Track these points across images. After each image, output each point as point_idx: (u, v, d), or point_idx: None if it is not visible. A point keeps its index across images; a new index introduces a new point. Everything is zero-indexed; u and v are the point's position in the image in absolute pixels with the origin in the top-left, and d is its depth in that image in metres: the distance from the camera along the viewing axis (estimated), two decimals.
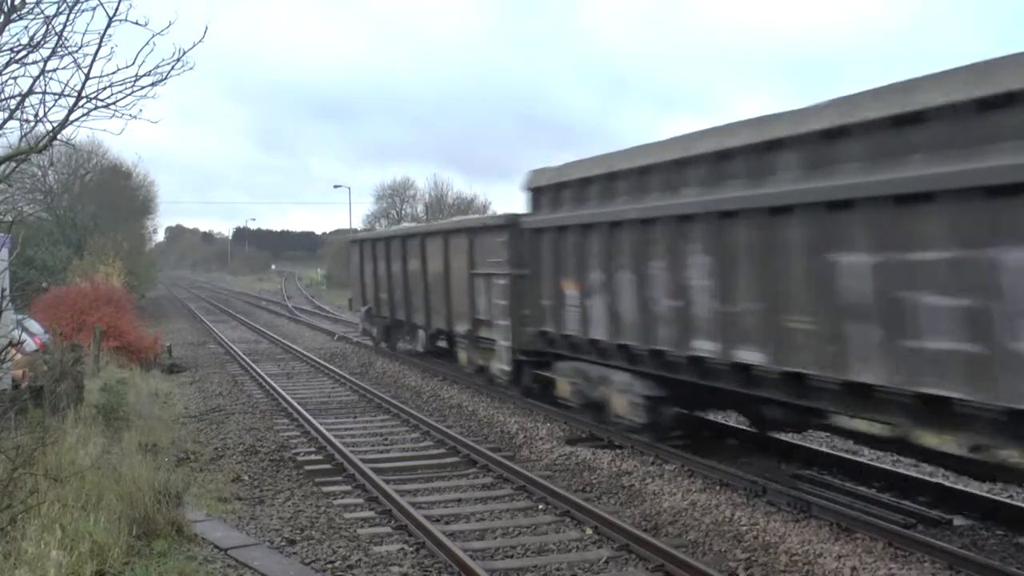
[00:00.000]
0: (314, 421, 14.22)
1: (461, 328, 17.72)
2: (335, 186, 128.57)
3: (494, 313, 15.73)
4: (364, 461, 11.41)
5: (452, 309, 18.27)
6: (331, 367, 21.79)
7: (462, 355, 18.27)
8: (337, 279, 69.78)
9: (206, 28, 6.54)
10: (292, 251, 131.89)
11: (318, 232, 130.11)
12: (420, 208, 73.14)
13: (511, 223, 15.07)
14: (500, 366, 15.59)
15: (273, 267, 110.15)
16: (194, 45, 6.53)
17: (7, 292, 7.67)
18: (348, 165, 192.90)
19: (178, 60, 6.55)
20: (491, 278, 15.83)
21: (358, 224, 79.11)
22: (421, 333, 21.07)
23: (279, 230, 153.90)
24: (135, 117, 6.75)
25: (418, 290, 20.45)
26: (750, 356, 9.05)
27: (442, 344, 20.93)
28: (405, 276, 21.50)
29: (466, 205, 71.74)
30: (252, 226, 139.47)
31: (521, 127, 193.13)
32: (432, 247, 19.61)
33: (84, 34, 6.42)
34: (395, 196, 73.98)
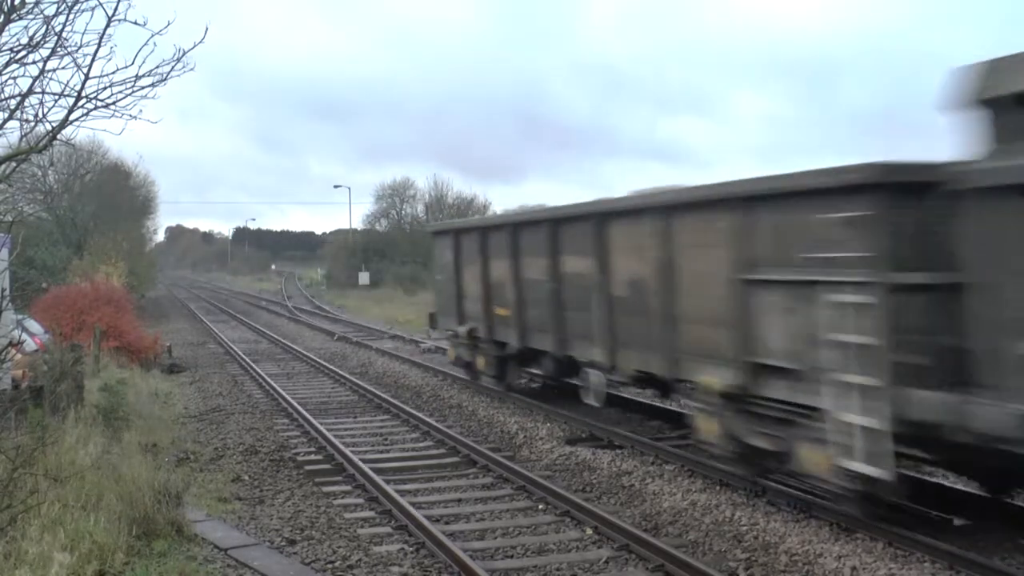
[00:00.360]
0: (314, 421, 14.22)
1: (711, 377, 9.69)
2: (335, 186, 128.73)
3: (827, 358, 8.04)
4: (364, 461, 11.40)
5: (681, 341, 10.39)
6: (331, 367, 21.78)
7: (706, 424, 9.91)
8: (336, 279, 69.81)
9: (206, 28, 6.55)
10: (292, 251, 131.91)
11: (318, 232, 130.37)
12: (420, 208, 73.10)
13: (882, 180, 7.56)
14: (849, 464, 7.74)
15: (273, 267, 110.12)
16: (195, 45, 6.53)
17: (7, 292, 7.68)
18: (347, 165, 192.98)
19: (178, 60, 6.56)
20: (814, 291, 8.20)
21: (358, 224, 79.17)
22: (592, 376, 13.19)
23: (279, 230, 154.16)
24: (135, 117, 6.76)
25: (589, 306, 12.53)
26: None
27: (627, 395, 14.47)
28: (557, 283, 13.54)
29: (466, 205, 71.65)
30: (252, 226, 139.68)
31: (520, 127, 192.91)
32: (626, 235, 11.70)
33: (84, 34, 6.42)
34: (395, 196, 73.86)
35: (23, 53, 6.58)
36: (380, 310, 43.31)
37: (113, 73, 6.53)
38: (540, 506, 9.67)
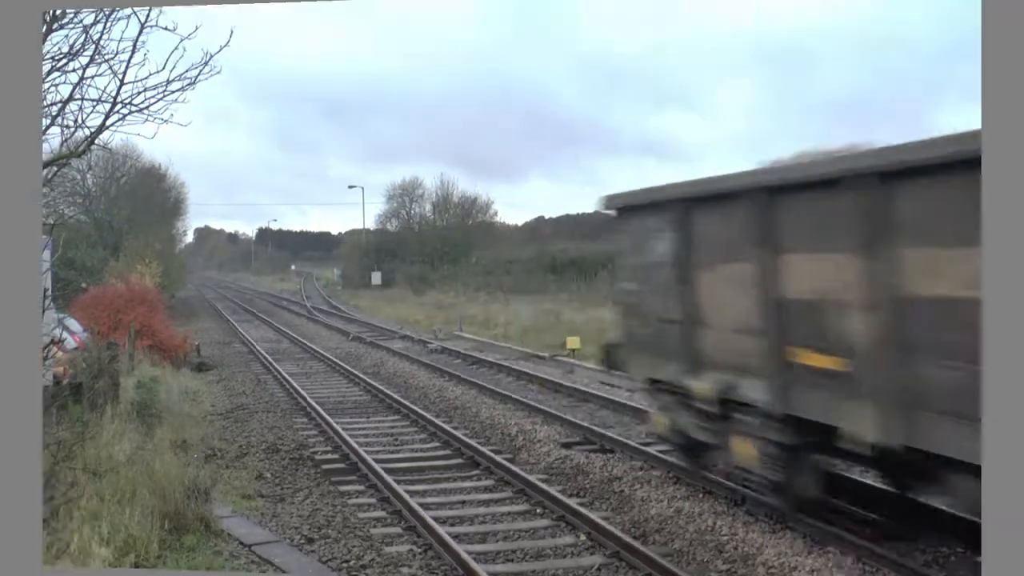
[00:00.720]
0: (331, 420, 14.30)
1: None
2: (350, 186, 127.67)
3: None
4: (377, 461, 11.47)
5: None
6: (346, 367, 21.87)
7: None
8: (351, 279, 69.78)
9: (231, 31, 6.58)
10: (310, 251, 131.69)
11: (334, 232, 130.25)
12: (428, 207, 72.95)
13: None
14: None
15: (293, 267, 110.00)
16: (221, 48, 6.58)
17: (49, 292, 7.74)
18: (361, 165, 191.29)
19: (205, 64, 6.62)
20: None
21: (371, 224, 78.65)
22: None
23: (298, 231, 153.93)
24: (167, 121, 6.80)
25: None
26: None
27: None
28: None
29: (470, 204, 71.53)
30: (273, 227, 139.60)
31: (521, 126, 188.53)
32: None
33: (119, 41, 6.47)
34: (404, 196, 73.69)
35: (64, 61, 6.62)
36: (392, 310, 43.40)
37: (146, 78, 6.58)
38: (538, 510, 9.73)
